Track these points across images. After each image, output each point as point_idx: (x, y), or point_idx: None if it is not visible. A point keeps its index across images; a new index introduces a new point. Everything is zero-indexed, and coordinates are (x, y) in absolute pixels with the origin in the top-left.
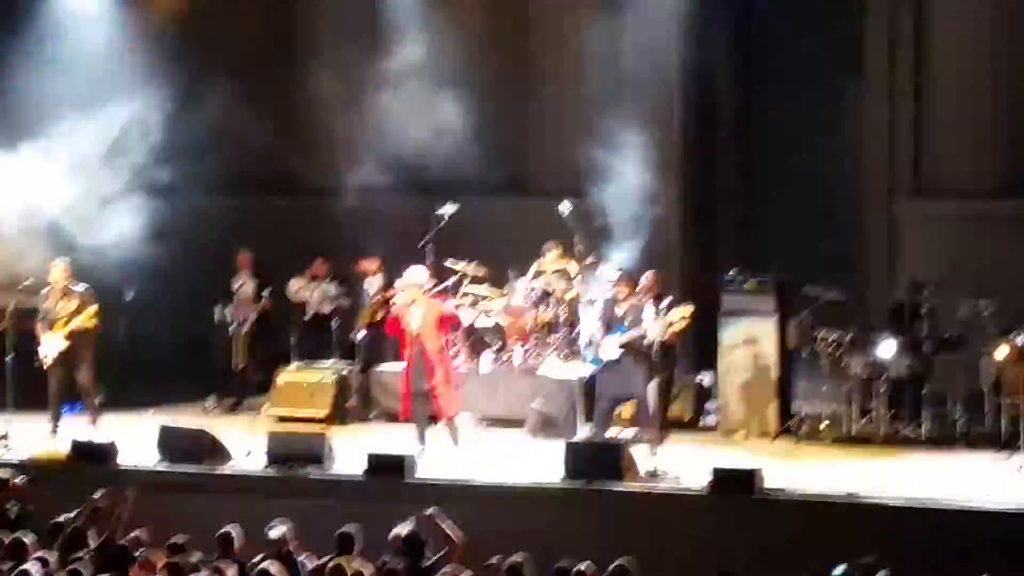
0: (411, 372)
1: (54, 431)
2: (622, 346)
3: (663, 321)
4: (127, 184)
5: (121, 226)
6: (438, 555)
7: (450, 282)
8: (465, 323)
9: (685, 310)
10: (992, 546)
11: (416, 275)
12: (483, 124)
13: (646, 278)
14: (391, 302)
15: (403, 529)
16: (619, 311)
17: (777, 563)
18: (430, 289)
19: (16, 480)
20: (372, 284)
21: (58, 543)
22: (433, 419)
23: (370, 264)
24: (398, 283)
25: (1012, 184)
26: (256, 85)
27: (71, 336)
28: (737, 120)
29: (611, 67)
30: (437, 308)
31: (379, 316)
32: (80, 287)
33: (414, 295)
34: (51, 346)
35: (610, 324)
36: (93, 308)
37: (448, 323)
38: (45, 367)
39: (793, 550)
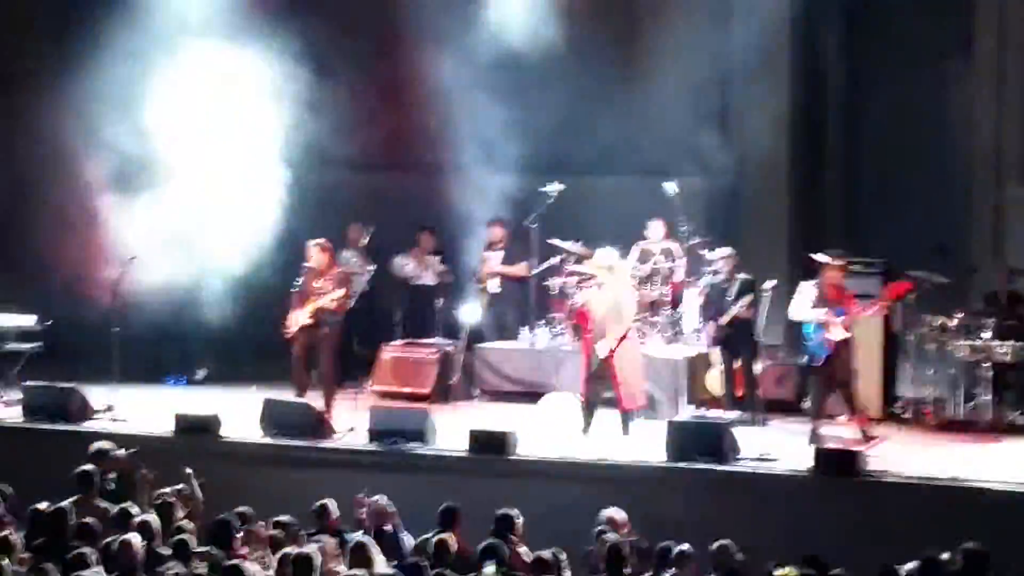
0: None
1: (300, 396)
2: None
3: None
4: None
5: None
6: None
7: (556, 260)
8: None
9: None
10: None
11: (608, 258)
12: (588, 105)
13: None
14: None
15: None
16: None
17: (879, 545)
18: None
19: (118, 452)
20: (491, 256)
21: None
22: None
23: (497, 231)
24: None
25: None
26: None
27: (315, 314)
28: (844, 101)
29: (719, 46)
30: (625, 296)
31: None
32: (336, 268)
33: (604, 277)
34: (295, 318)
35: (830, 306)
36: (340, 292)
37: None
38: (288, 336)
39: (895, 532)
